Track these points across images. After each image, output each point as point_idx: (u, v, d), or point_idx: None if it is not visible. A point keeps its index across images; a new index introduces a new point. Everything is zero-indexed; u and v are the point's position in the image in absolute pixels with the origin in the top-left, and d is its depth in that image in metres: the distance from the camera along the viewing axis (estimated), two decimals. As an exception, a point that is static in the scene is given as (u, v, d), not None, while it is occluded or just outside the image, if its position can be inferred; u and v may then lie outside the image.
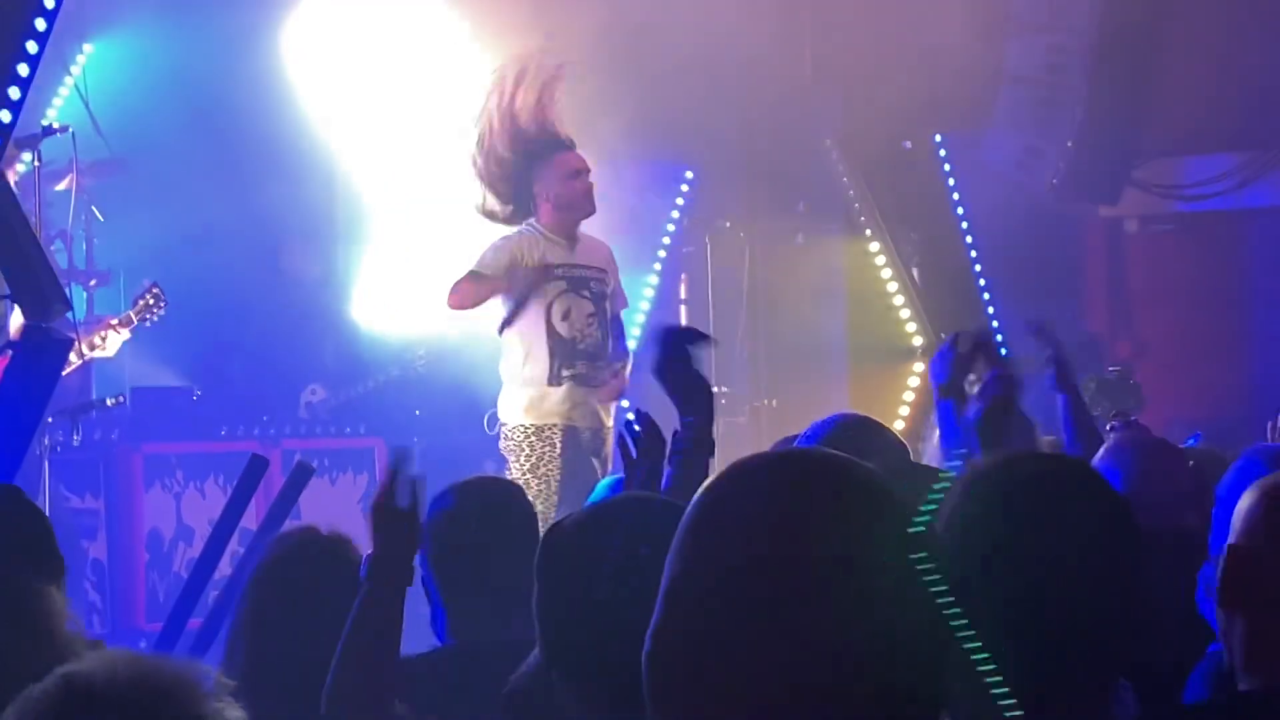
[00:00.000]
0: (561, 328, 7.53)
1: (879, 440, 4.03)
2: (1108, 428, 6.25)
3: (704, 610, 1.67)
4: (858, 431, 4.03)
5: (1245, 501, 2.40)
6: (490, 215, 7.76)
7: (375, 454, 9.94)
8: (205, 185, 10.86)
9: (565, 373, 7.50)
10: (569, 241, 7.64)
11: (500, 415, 7.65)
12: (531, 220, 7.65)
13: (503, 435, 7.60)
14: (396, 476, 3.46)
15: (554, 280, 7.53)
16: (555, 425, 7.49)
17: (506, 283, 7.46)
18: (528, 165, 7.61)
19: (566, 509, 7.07)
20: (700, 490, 1.75)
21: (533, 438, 7.47)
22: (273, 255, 11.24)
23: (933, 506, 2.02)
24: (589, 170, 7.71)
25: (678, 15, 9.84)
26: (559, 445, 7.47)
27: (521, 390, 7.53)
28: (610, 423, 7.63)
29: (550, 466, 7.42)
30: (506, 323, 7.55)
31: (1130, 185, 11.44)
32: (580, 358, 7.54)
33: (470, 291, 7.51)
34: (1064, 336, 5.35)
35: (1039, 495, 2.42)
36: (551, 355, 7.49)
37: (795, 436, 4.51)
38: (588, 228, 7.84)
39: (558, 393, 7.49)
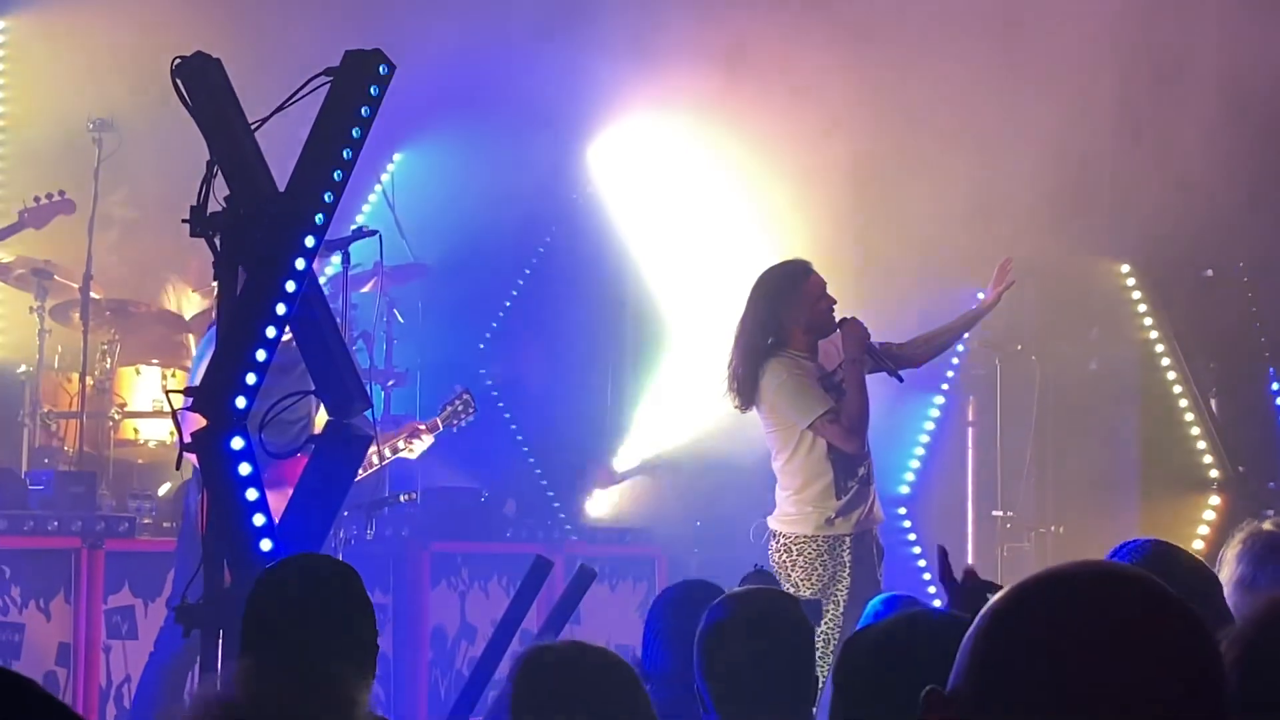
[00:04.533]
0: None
1: (1187, 566, 3.90)
2: None
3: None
4: (1165, 557, 3.91)
5: None
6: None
7: (656, 563, 10.00)
8: (501, 295, 11.18)
9: (849, 483, 7.48)
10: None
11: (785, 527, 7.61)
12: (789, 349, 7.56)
13: (786, 548, 7.55)
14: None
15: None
16: (845, 536, 7.45)
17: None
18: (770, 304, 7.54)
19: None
20: (992, 602, 1.75)
21: (824, 553, 7.43)
22: (561, 364, 11.48)
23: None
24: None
25: (971, 128, 9.84)
26: (847, 557, 7.43)
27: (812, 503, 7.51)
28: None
29: (840, 580, 7.37)
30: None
31: None
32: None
33: (856, 420, 7.43)
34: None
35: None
36: (836, 469, 7.47)
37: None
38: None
39: (842, 503, 7.46)
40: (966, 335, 8.46)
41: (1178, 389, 10.89)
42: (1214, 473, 10.78)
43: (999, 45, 9.90)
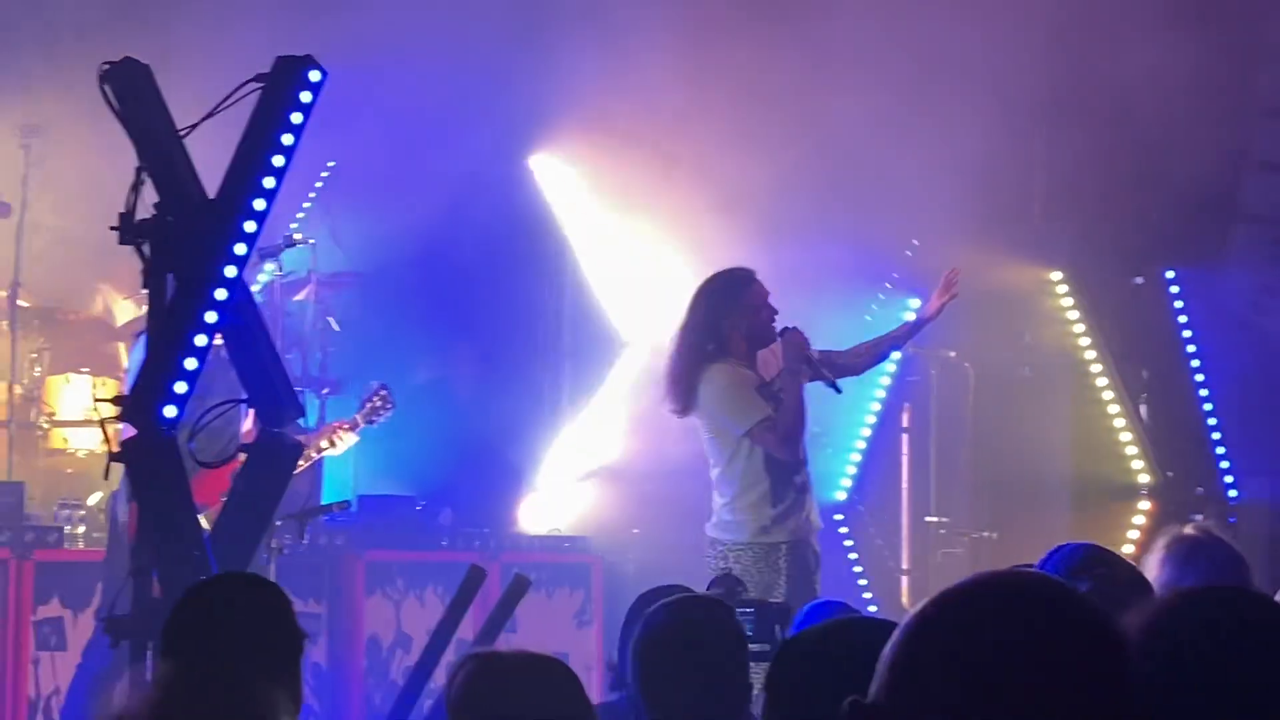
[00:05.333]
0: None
1: (1121, 572, 3.93)
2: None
3: None
4: (1098, 561, 3.93)
5: None
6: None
7: (592, 571, 9.99)
8: (436, 299, 11.15)
9: (788, 491, 7.49)
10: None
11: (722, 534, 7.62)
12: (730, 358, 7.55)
13: (723, 555, 7.55)
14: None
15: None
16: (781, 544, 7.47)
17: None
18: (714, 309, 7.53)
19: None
20: (910, 615, 1.75)
21: (761, 560, 7.44)
22: (498, 371, 11.47)
23: None
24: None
25: (902, 144, 9.90)
26: (784, 564, 7.45)
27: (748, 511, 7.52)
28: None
29: (776, 588, 7.37)
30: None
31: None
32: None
33: (792, 428, 7.46)
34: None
35: (1224, 630, 2.35)
36: (774, 476, 7.48)
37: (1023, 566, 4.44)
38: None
39: (779, 510, 7.47)
40: (905, 344, 8.48)
41: (1108, 395, 10.98)
42: (1144, 478, 10.87)
43: (929, 55, 9.95)
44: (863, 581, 10.53)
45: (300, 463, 8.06)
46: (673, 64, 9.87)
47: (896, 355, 10.23)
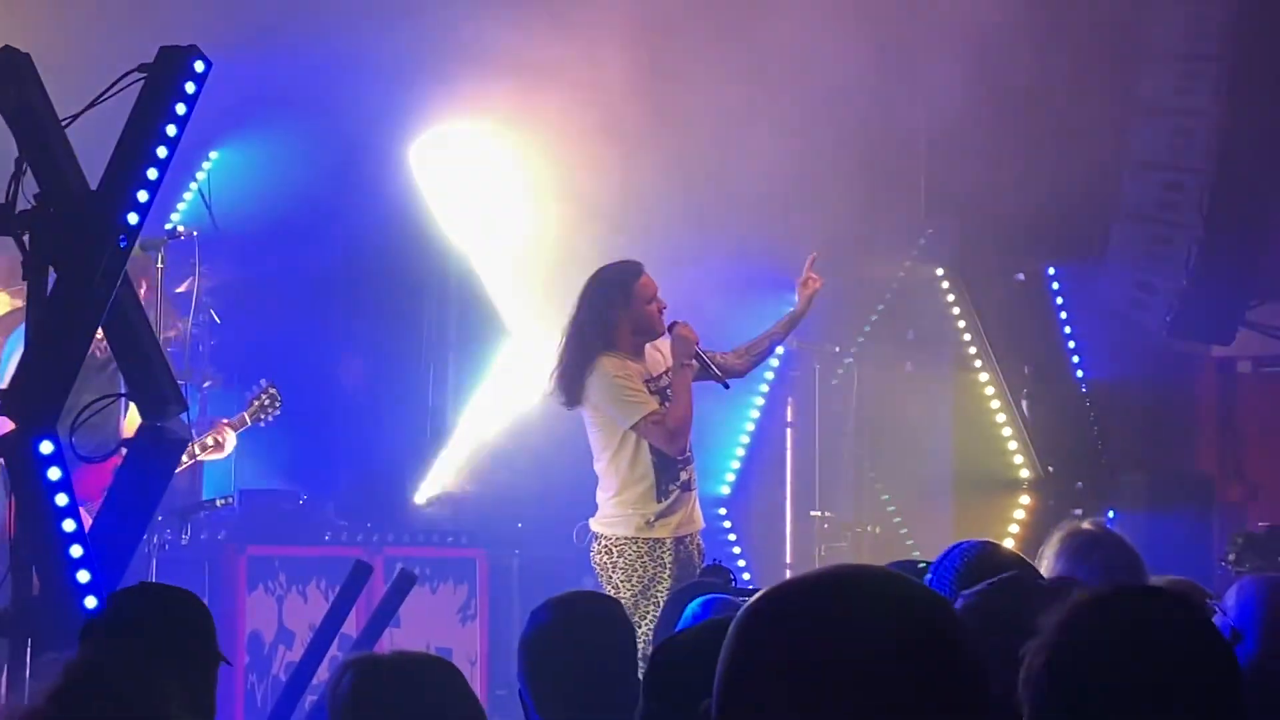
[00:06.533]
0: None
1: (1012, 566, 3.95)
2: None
3: None
4: (991, 559, 3.95)
5: None
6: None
7: (477, 564, 9.97)
8: (319, 294, 11.06)
9: (670, 486, 7.51)
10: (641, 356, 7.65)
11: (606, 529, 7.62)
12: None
13: (607, 550, 7.55)
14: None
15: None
16: (665, 539, 7.49)
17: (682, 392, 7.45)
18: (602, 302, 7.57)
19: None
20: (744, 608, 1.74)
21: (645, 555, 7.45)
22: (383, 363, 11.40)
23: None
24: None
25: (789, 140, 9.95)
26: (668, 559, 7.47)
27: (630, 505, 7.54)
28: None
29: (660, 582, 7.39)
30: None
31: (1244, 326, 11.33)
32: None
33: (680, 423, 7.48)
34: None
35: (1140, 630, 2.39)
36: (658, 471, 7.50)
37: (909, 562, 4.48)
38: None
39: (663, 506, 7.50)
40: (785, 339, 8.50)
41: (990, 390, 11.10)
42: (1025, 473, 11.00)
43: (810, 45, 9.99)
44: (746, 575, 10.57)
45: (185, 460, 7.97)
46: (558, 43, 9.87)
47: (780, 350, 10.31)
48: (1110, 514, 10.33)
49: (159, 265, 8.64)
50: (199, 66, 5.49)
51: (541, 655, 3.96)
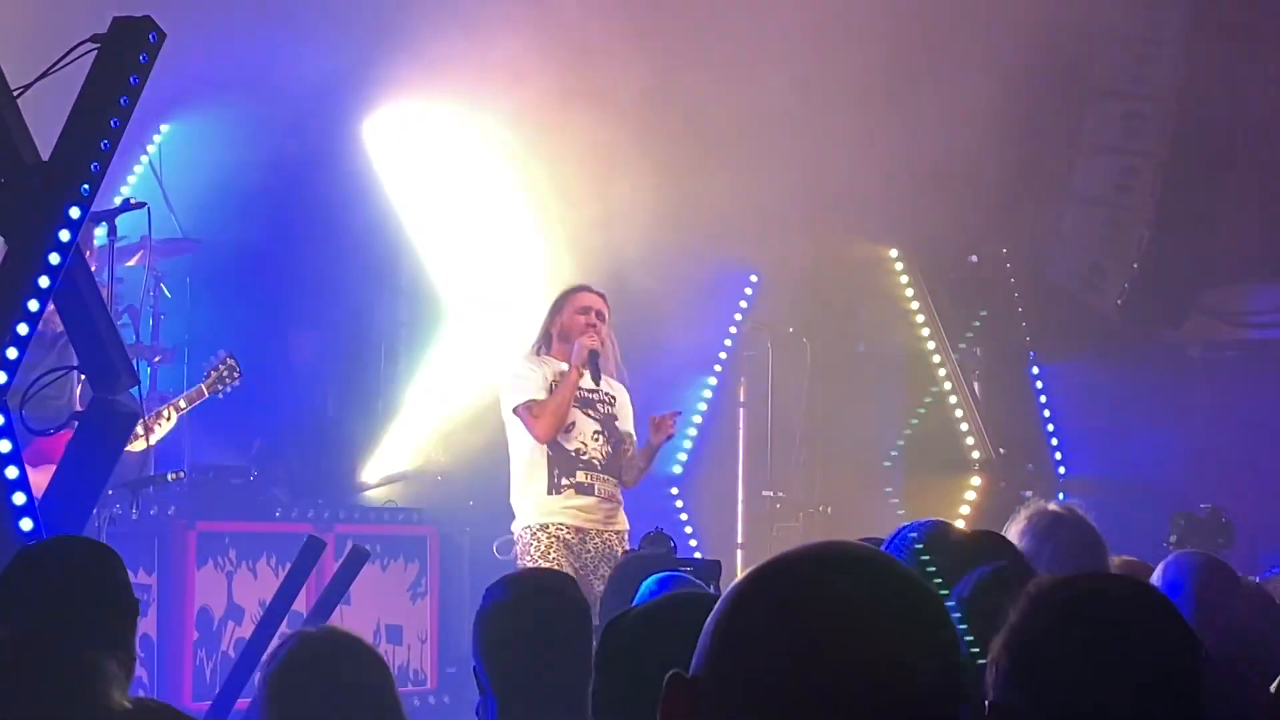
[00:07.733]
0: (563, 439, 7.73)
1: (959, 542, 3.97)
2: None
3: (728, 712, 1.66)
4: (943, 537, 3.97)
5: None
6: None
7: (428, 541, 9.94)
8: (271, 268, 11.00)
9: (564, 481, 7.64)
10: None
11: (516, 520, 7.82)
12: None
13: (519, 539, 7.77)
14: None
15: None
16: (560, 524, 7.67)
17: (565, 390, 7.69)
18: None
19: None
20: (728, 590, 1.75)
21: (539, 535, 7.63)
22: (337, 340, 11.36)
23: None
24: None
25: (747, 118, 9.94)
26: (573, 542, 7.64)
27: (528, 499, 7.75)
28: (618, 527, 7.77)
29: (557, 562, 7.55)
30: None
31: (1196, 311, 11.40)
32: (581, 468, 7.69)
33: (551, 415, 7.69)
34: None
35: (1102, 616, 2.40)
36: (551, 465, 7.64)
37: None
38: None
39: (558, 500, 7.68)
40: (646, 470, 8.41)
41: (942, 372, 11.13)
42: (976, 454, 11.04)
43: (771, 33, 9.99)
44: (698, 555, 10.58)
45: (140, 438, 7.90)
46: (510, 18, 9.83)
47: (732, 329, 10.37)
48: (1061, 496, 10.38)
49: (109, 238, 8.55)
50: (152, 37, 5.44)
51: (496, 631, 3.95)
